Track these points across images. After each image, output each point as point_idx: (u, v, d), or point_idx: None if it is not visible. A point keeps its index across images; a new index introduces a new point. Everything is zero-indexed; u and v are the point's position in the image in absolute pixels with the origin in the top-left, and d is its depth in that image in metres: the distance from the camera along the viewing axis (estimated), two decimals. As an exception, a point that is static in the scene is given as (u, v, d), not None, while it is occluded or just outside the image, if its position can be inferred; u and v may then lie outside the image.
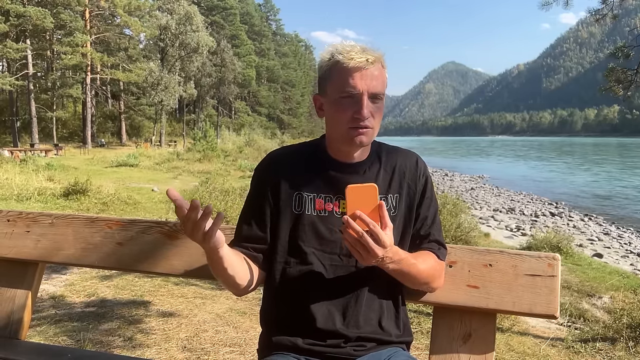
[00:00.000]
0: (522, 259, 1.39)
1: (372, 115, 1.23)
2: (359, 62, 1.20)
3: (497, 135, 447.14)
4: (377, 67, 1.23)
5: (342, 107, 1.23)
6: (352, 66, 1.20)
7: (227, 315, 3.66)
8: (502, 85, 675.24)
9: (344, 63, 1.21)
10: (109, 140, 46.31)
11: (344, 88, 1.21)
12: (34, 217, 1.77)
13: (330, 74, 1.25)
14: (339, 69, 1.22)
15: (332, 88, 1.25)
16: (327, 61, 1.25)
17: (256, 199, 1.35)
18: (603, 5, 6.53)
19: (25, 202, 9.13)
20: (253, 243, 1.33)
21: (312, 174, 1.32)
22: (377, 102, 1.24)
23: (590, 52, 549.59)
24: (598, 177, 29.54)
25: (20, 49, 33.81)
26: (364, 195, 1.08)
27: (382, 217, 1.08)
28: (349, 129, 1.23)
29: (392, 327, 1.31)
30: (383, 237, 1.07)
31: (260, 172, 1.37)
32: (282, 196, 1.31)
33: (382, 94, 1.24)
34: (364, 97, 1.21)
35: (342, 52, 1.22)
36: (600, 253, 9.23)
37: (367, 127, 1.23)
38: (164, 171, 19.36)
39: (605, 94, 6.42)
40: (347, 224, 1.06)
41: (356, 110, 1.21)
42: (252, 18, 78.22)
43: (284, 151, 1.41)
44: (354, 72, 1.20)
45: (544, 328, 4.07)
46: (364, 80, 1.20)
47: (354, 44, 1.24)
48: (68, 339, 3.08)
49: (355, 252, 1.09)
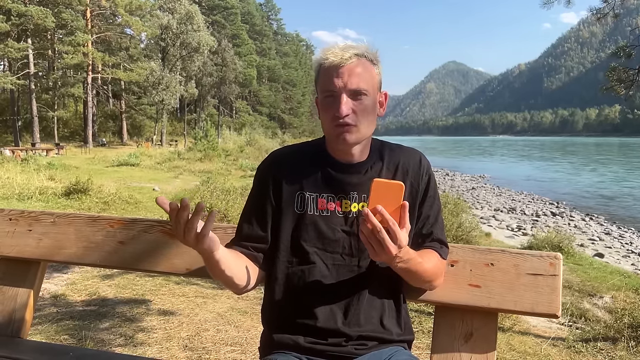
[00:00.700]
0: (523, 258, 1.38)
1: (354, 112, 1.23)
2: (333, 60, 1.21)
3: (498, 135, 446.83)
4: (359, 62, 1.23)
5: (326, 106, 1.25)
6: (328, 65, 1.23)
7: (228, 315, 3.66)
8: (503, 84, 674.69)
9: (323, 63, 1.24)
10: (110, 139, 46.34)
11: (326, 87, 1.24)
12: (36, 216, 1.77)
13: (317, 76, 1.28)
14: (321, 70, 1.25)
15: (319, 89, 1.28)
16: (316, 64, 1.29)
17: (258, 198, 1.35)
18: (604, 5, 6.53)
19: (26, 202, 9.14)
20: (253, 242, 1.33)
21: (314, 174, 1.32)
22: (361, 98, 1.23)
23: (591, 51, 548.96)
24: (604, 178, 29.47)
25: (21, 48, 33.86)
26: (389, 192, 1.06)
27: (402, 218, 1.07)
28: (334, 127, 1.24)
29: (394, 326, 1.31)
30: (400, 236, 1.06)
31: (262, 171, 1.37)
32: (285, 196, 1.31)
33: (364, 90, 1.23)
34: (342, 95, 1.21)
35: (322, 53, 1.25)
36: (601, 253, 9.23)
37: (348, 124, 1.22)
38: (165, 170, 19.37)
39: (607, 93, 6.43)
40: (367, 217, 1.04)
41: (336, 108, 1.22)
42: (253, 17, 78.25)
43: (287, 150, 1.40)
44: (332, 71, 1.22)
45: (545, 328, 4.07)
46: (340, 77, 1.21)
47: (337, 44, 1.26)
48: (69, 338, 3.08)
49: (369, 246, 1.08)
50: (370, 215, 1.04)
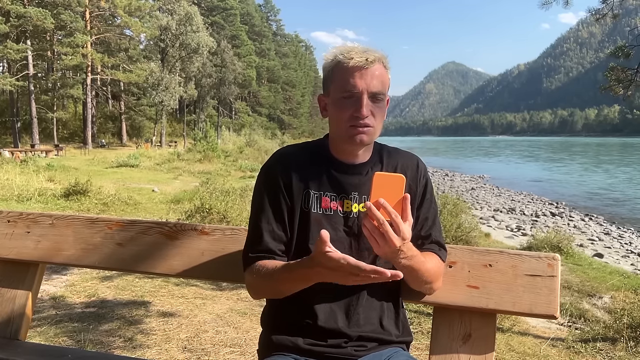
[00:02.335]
0: (522, 259, 1.39)
1: (372, 115, 1.24)
2: (358, 61, 1.21)
3: (497, 135, 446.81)
4: (378, 67, 1.24)
5: (343, 106, 1.24)
6: (352, 65, 1.22)
7: (227, 316, 3.66)
8: (502, 85, 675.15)
9: (344, 63, 1.23)
10: (110, 140, 46.35)
11: (344, 87, 1.23)
12: (34, 218, 1.77)
13: (332, 75, 1.26)
14: (340, 69, 1.24)
15: (334, 88, 1.26)
16: (329, 62, 1.27)
17: (273, 198, 1.31)
18: (603, 5, 6.53)
19: (25, 203, 9.13)
20: (280, 244, 1.30)
21: (318, 173, 1.32)
22: (378, 102, 1.24)
23: (590, 52, 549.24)
24: (611, 178, 29.39)
25: (20, 49, 33.84)
26: (390, 185, 1.06)
27: (404, 210, 1.07)
28: (349, 127, 1.24)
29: (393, 327, 1.32)
30: (403, 228, 1.06)
31: (269, 171, 1.34)
32: (295, 193, 1.30)
33: (382, 94, 1.24)
34: (364, 96, 1.21)
35: (343, 53, 1.23)
36: (600, 253, 9.22)
37: (367, 126, 1.23)
38: (165, 171, 19.36)
39: (606, 93, 6.43)
40: (370, 210, 1.04)
41: (356, 109, 1.22)
42: (252, 18, 78.21)
43: (290, 150, 1.39)
44: (354, 72, 1.21)
45: (544, 328, 4.07)
46: (363, 79, 1.21)
47: (356, 45, 1.25)
48: (68, 340, 3.08)
49: (372, 240, 1.07)
50: (373, 208, 1.04)
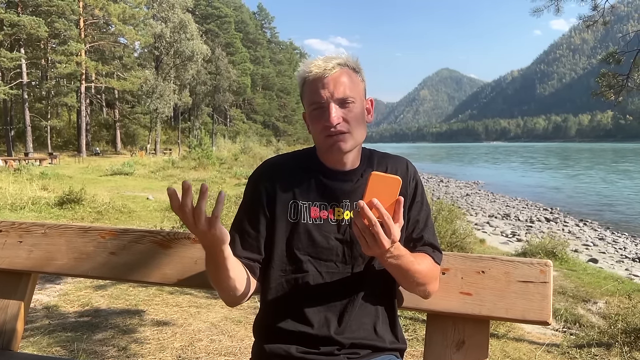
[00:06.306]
0: (514, 266, 1.39)
1: (345, 120, 1.24)
2: (317, 72, 1.23)
3: (491, 141, 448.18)
4: (342, 71, 1.25)
5: (315, 118, 1.26)
6: (312, 78, 1.24)
7: (222, 324, 3.65)
8: (496, 91, 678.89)
9: (307, 77, 1.26)
10: (104, 148, 46.16)
11: (312, 100, 1.25)
12: (27, 227, 1.76)
13: (302, 91, 1.30)
14: (306, 84, 1.27)
15: (306, 103, 1.29)
16: (299, 80, 1.30)
17: (251, 208, 1.33)
18: (594, 12, 6.59)
19: (19, 212, 9.08)
20: (250, 253, 1.31)
21: (307, 182, 1.32)
22: (349, 106, 1.25)
23: (583, 58, 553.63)
24: (605, 183, 29.55)
25: (14, 57, 33.71)
26: (385, 186, 1.06)
27: (397, 213, 1.06)
28: (325, 138, 1.25)
29: (387, 333, 1.31)
30: (394, 230, 1.05)
31: (254, 181, 1.36)
32: (278, 205, 1.31)
33: (351, 98, 1.24)
34: (331, 105, 1.22)
35: (304, 68, 1.26)
36: (595, 258, 9.25)
37: (341, 133, 1.23)
38: (159, 179, 19.30)
39: (598, 98, 6.48)
40: (362, 210, 1.03)
41: (325, 119, 1.23)
42: (246, 26, 78.41)
43: (278, 159, 1.40)
44: (317, 83, 1.24)
45: (539, 334, 4.07)
46: (326, 88, 1.23)
47: (318, 57, 1.27)
48: (62, 350, 3.06)
49: (362, 240, 1.07)
50: (366, 209, 1.03)
